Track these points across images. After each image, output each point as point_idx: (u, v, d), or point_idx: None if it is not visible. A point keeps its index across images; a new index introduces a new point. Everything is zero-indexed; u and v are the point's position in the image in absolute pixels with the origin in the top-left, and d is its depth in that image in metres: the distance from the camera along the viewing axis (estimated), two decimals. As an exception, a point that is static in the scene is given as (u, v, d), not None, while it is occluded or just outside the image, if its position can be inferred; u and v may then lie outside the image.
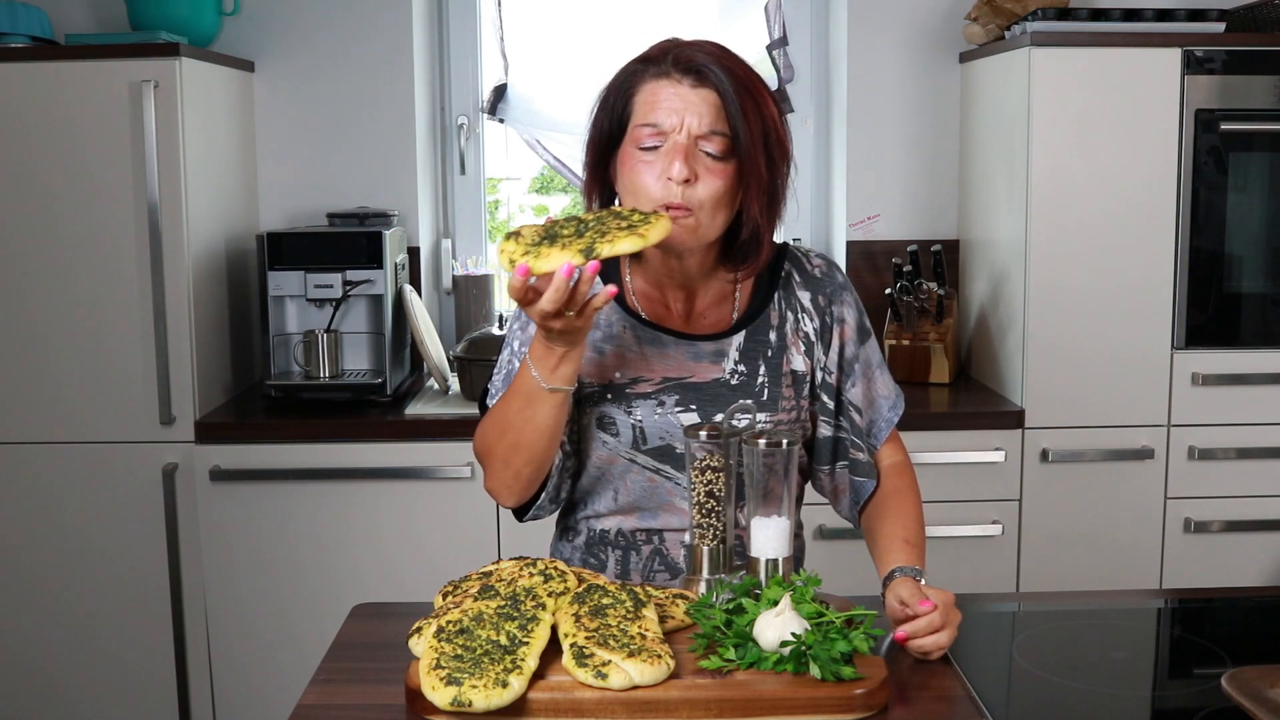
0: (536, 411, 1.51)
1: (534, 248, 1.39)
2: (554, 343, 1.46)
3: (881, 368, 1.73)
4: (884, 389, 1.72)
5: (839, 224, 3.29)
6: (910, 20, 3.17)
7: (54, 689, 2.80)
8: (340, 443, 2.72)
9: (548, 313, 1.40)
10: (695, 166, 1.52)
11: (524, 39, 3.32)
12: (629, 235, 1.39)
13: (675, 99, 1.52)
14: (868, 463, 1.69)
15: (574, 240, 1.39)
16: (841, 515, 1.74)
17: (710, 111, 1.52)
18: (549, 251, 1.38)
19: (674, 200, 1.52)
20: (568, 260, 1.36)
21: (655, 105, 1.53)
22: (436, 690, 1.24)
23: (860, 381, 1.69)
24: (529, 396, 1.51)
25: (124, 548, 2.76)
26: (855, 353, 1.69)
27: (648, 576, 1.65)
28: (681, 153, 1.51)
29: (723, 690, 1.28)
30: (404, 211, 3.17)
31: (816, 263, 1.71)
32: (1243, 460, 2.78)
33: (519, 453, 1.55)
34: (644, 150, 1.54)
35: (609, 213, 1.46)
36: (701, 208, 1.53)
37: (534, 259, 1.38)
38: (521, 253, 1.39)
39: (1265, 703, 1.26)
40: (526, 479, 1.58)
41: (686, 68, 1.53)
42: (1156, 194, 2.73)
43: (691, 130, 1.52)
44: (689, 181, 1.51)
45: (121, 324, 2.70)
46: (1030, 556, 2.79)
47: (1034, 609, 1.72)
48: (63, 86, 2.65)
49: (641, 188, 1.54)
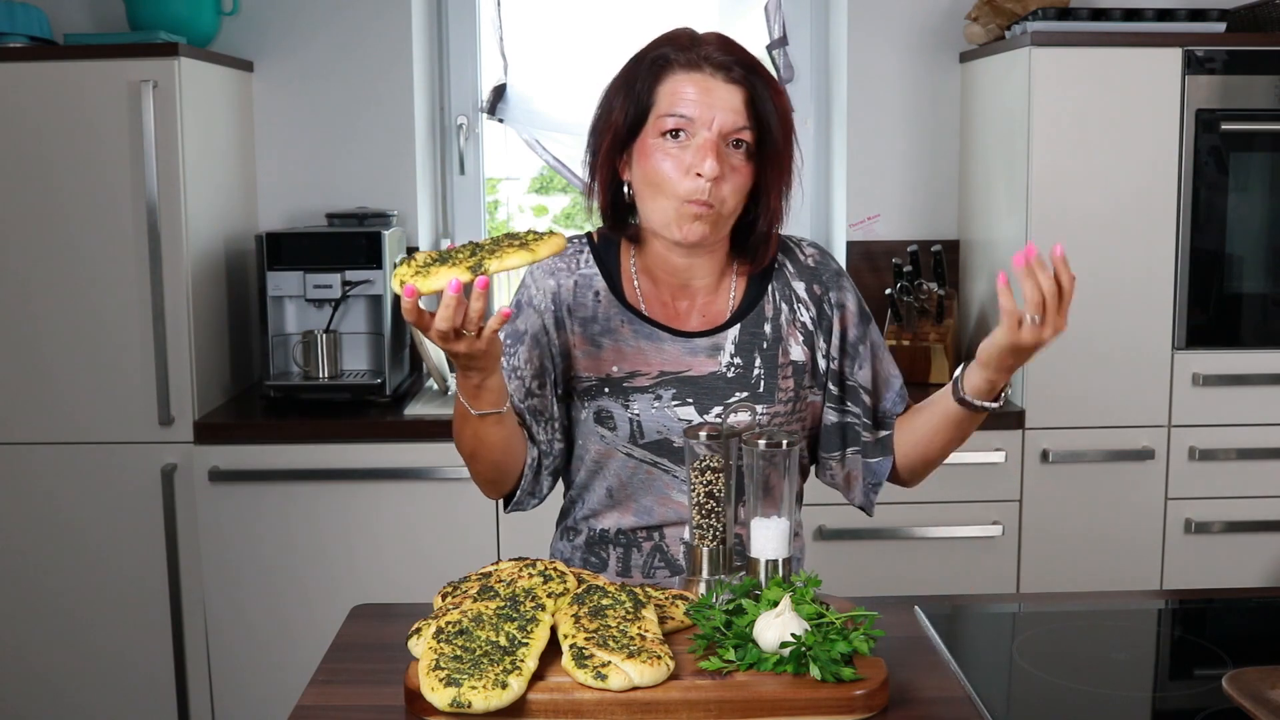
0: (478, 430, 1.53)
1: (424, 268, 1.39)
2: (466, 370, 1.46)
3: (885, 349, 1.72)
4: (893, 368, 1.72)
5: (839, 224, 3.29)
6: (910, 20, 3.17)
7: (53, 689, 2.80)
8: (339, 443, 2.72)
9: (443, 331, 1.39)
10: (724, 166, 1.52)
11: (524, 39, 3.32)
12: (519, 250, 1.39)
13: (707, 94, 1.52)
14: (880, 440, 1.68)
15: (465, 260, 1.39)
16: (855, 503, 1.72)
17: (741, 108, 1.52)
18: (438, 270, 1.38)
19: (701, 196, 1.52)
20: (454, 276, 1.36)
21: (684, 97, 1.52)
22: (436, 691, 1.23)
23: (868, 363, 1.68)
24: (465, 417, 1.53)
25: (123, 548, 2.75)
26: (860, 334, 1.68)
27: (648, 574, 1.65)
28: (714, 149, 1.51)
29: (722, 691, 1.28)
30: (403, 211, 3.17)
31: (809, 252, 1.71)
32: (1243, 461, 2.78)
33: (476, 461, 1.59)
34: (670, 142, 1.53)
35: (504, 235, 1.45)
36: (724, 204, 1.54)
37: (422, 279, 1.37)
38: (411, 274, 1.39)
39: (1266, 704, 1.26)
40: (492, 480, 1.63)
41: (718, 63, 1.52)
42: (1157, 194, 2.73)
43: (723, 127, 1.52)
44: (719, 179, 1.51)
45: (120, 324, 2.70)
46: (1030, 557, 2.79)
47: (1034, 609, 1.71)
48: (62, 86, 2.64)
49: (665, 179, 1.53)
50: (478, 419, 1.51)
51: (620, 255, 1.68)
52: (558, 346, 1.64)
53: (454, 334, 1.39)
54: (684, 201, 1.52)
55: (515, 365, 1.63)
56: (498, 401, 1.51)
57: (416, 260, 1.41)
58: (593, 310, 1.64)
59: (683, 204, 1.53)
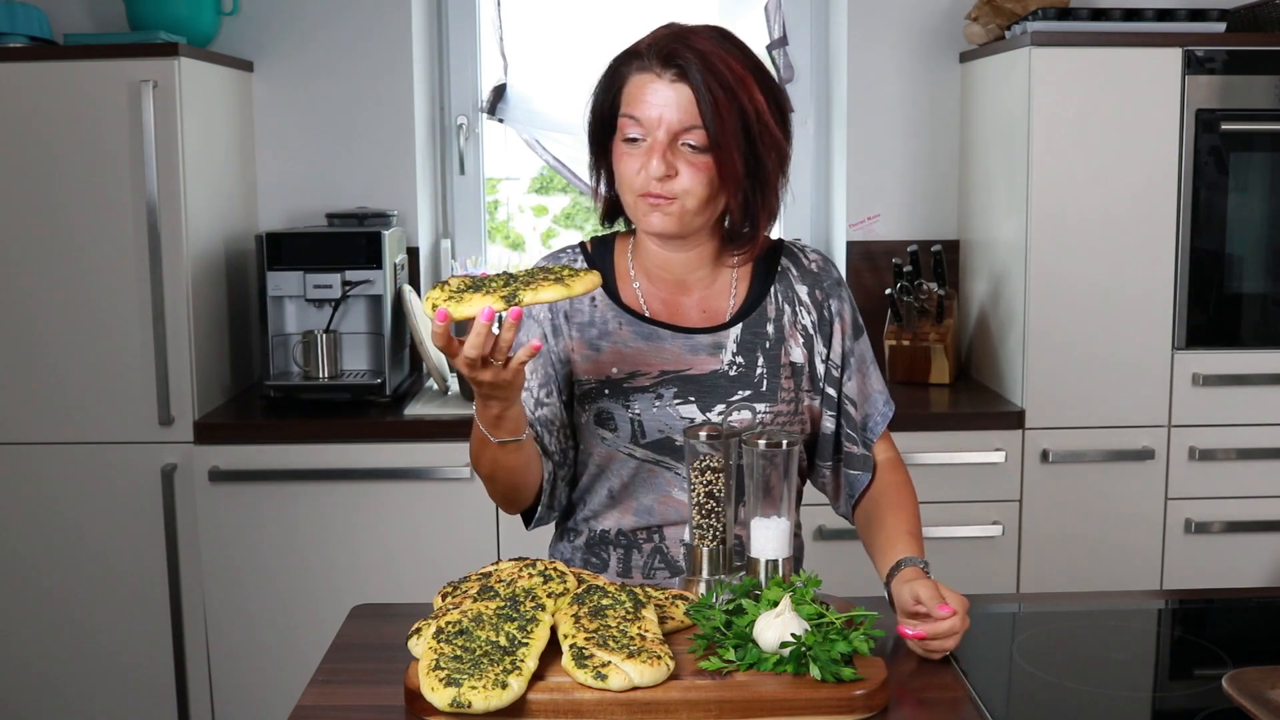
0: (496, 455, 1.54)
1: (457, 294, 1.39)
2: (487, 399, 1.46)
3: (874, 365, 1.74)
4: (878, 384, 1.73)
5: (839, 224, 3.29)
6: (910, 20, 3.17)
7: (53, 689, 2.80)
8: (339, 443, 2.71)
9: (472, 359, 1.39)
10: (675, 162, 1.55)
11: (523, 39, 3.32)
12: (554, 285, 1.39)
13: (655, 94, 1.54)
14: (862, 456, 1.69)
15: (499, 289, 1.39)
16: (839, 512, 1.74)
17: (689, 106, 1.54)
18: (471, 298, 1.38)
19: (652, 190, 1.55)
20: (488, 305, 1.36)
21: (637, 99, 1.56)
22: (436, 691, 1.23)
23: (855, 376, 1.70)
24: (484, 442, 1.53)
25: (123, 548, 2.75)
26: (850, 347, 1.70)
27: (649, 575, 1.65)
28: (659, 151, 1.54)
29: (722, 691, 1.28)
30: (403, 211, 3.17)
31: (813, 258, 1.72)
32: (1243, 461, 2.78)
33: (494, 482, 1.60)
34: (627, 142, 1.57)
35: (540, 269, 1.46)
36: (687, 195, 1.56)
37: (455, 304, 1.37)
38: (444, 298, 1.39)
39: (1266, 704, 1.26)
40: (511, 499, 1.63)
41: (667, 62, 1.54)
42: (1157, 194, 2.73)
43: (670, 126, 1.54)
44: (668, 177, 1.54)
45: (120, 324, 2.70)
46: (1030, 557, 2.79)
47: (1034, 610, 1.71)
48: (61, 86, 2.64)
49: (624, 178, 1.59)
50: (497, 445, 1.52)
51: (616, 258, 1.70)
52: (558, 353, 1.65)
53: (481, 362, 1.39)
54: (638, 196, 1.57)
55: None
56: (516, 430, 1.51)
57: (450, 285, 1.41)
58: (589, 315, 1.65)
59: (639, 199, 1.57)
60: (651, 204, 1.56)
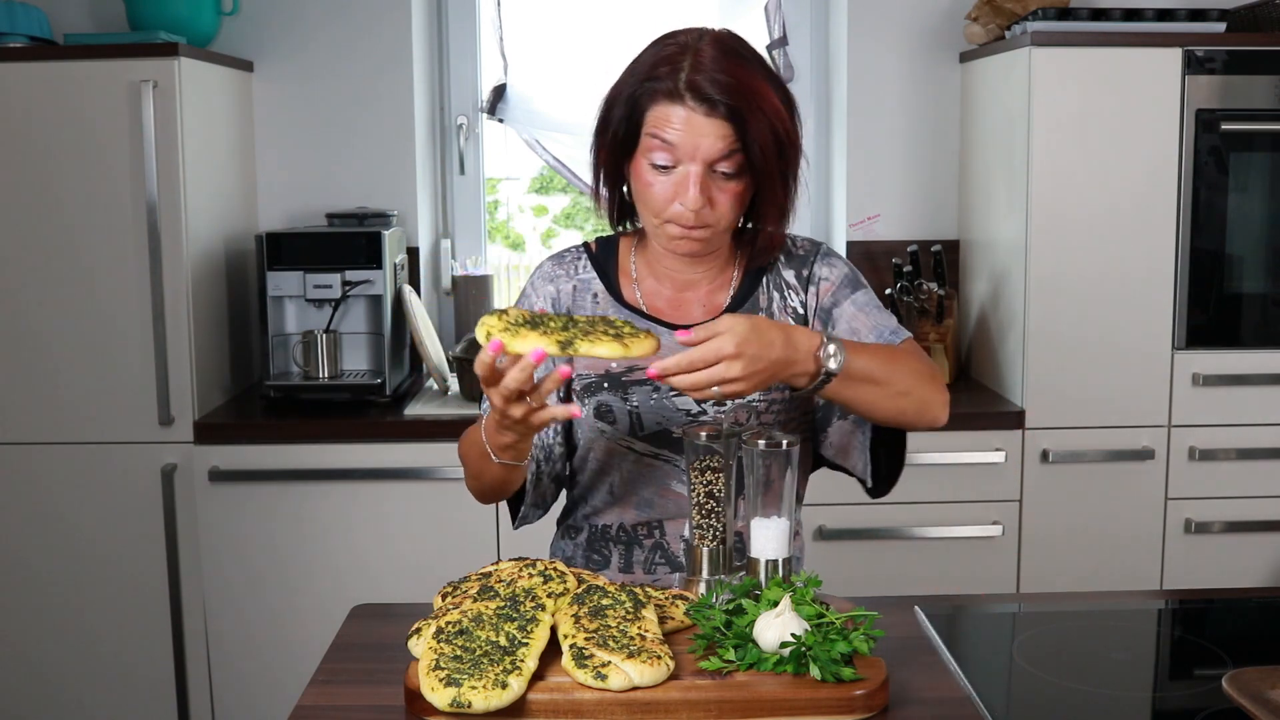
0: (492, 465, 1.54)
1: (514, 327, 1.38)
2: (506, 429, 1.46)
3: (880, 309, 1.68)
4: (885, 319, 1.67)
5: (839, 224, 3.29)
6: (910, 20, 3.17)
7: (53, 689, 2.80)
8: (339, 443, 2.71)
9: (510, 391, 1.38)
10: (710, 191, 1.52)
11: (524, 39, 3.32)
12: (611, 341, 1.38)
13: (689, 124, 1.50)
14: None
15: (557, 331, 1.38)
16: (857, 474, 1.67)
17: (724, 137, 1.50)
18: (527, 334, 1.37)
19: (687, 221, 1.53)
20: (541, 347, 1.35)
21: (668, 125, 1.51)
22: (436, 691, 1.23)
23: (845, 320, 1.65)
24: (484, 454, 1.53)
25: (123, 548, 2.75)
26: (835, 300, 1.66)
27: (649, 570, 1.65)
28: (697, 181, 1.51)
29: (722, 691, 1.28)
30: (403, 212, 3.17)
31: (801, 243, 1.72)
32: (1243, 461, 2.78)
33: (479, 481, 1.61)
34: (656, 169, 1.53)
35: (602, 318, 1.45)
36: (718, 223, 1.56)
37: (510, 337, 1.37)
38: (501, 329, 1.38)
39: (1266, 704, 1.26)
40: (490, 497, 1.64)
41: (701, 96, 1.50)
42: (1157, 194, 2.73)
43: (707, 158, 1.51)
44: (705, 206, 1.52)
45: (120, 324, 2.70)
46: (1030, 557, 2.79)
47: (1034, 609, 1.71)
48: (61, 86, 2.64)
49: (652, 201, 1.55)
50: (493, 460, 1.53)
51: (620, 257, 1.70)
52: None
53: (518, 396, 1.39)
54: (668, 223, 1.55)
55: None
56: (520, 456, 1.52)
57: (509, 315, 1.41)
58: (591, 312, 1.66)
59: (667, 224, 1.55)
60: (683, 233, 1.55)
